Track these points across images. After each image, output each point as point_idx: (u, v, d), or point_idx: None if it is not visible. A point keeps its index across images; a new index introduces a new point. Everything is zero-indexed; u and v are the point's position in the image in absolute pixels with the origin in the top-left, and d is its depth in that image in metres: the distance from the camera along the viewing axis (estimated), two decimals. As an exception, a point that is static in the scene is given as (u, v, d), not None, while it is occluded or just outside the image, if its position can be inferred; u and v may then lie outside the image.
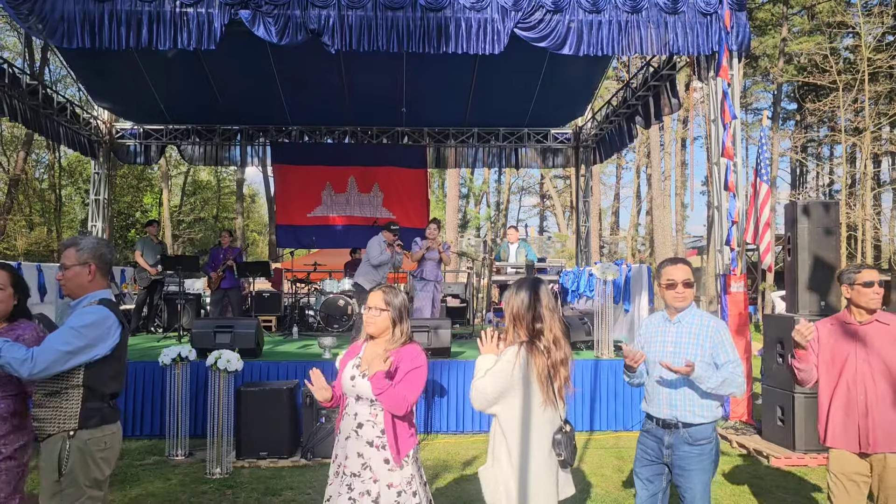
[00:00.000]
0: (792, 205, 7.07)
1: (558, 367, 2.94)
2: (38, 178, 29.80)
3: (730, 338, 3.41)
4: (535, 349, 2.92)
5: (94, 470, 2.94)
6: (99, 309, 2.98)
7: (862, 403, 3.52)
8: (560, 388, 2.94)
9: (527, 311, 2.98)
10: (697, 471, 3.33)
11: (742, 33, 8.37)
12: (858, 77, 18.33)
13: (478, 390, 2.95)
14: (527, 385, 2.89)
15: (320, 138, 14.59)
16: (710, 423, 3.36)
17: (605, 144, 13.76)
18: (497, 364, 2.95)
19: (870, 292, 3.57)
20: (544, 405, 2.90)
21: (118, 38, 7.83)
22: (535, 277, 3.17)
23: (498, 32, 8.13)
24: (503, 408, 2.93)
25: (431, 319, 8.26)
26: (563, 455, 2.92)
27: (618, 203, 39.21)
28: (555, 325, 2.98)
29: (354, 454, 3.07)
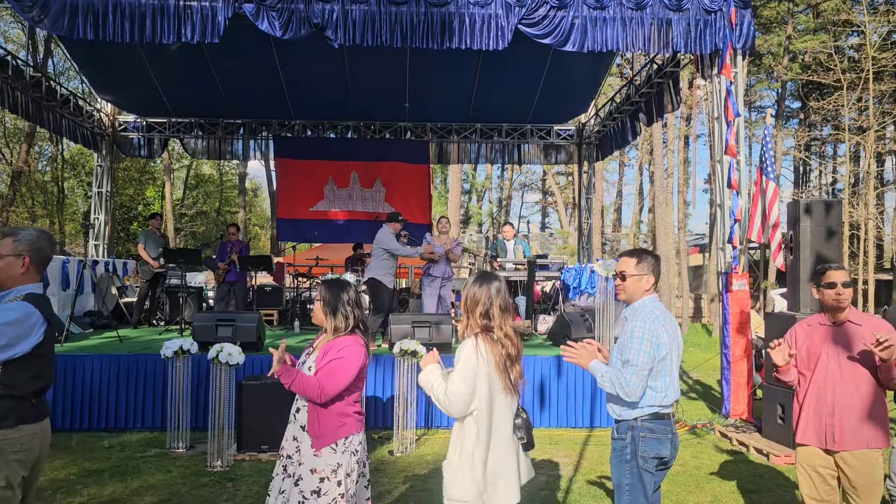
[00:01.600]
0: (794, 203, 7.06)
1: (513, 360, 3.03)
2: (41, 170, 29.83)
3: (638, 337, 3.17)
4: (490, 339, 3.00)
5: (6, 470, 2.80)
6: (23, 305, 2.86)
7: (830, 403, 3.55)
8: (516, 381, 3.04)
9: (479, 307, 3.04)
10: (613, 464, 3.38)
11: (746, 31, 8.35)
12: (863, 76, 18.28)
13: (455, 396, 2.93)
14: (488, 373, 2.96)
15: (323, 133, 14.59)
16: (624, 422, 3.30)
17: (608, 141, 13.74)
18: (459, 364, 2.98)
19: (832, 293, 3.60)
20: (504, 392, 2.99)
21: (121, 30, 7.82)
22: (491, 274, 3.17)
23: (502, 28, 8.12)
24: (476, 401, 2.97)
25: (433, 315, 8.26)
26: (524, 438, 3.05)
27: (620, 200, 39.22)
28: (506, 323, 3.05)
29: (291, 437, 3.25)
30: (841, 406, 3.53)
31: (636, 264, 3.33)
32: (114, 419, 7.21)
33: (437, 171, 33.76)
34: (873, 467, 3.50)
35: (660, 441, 3.22)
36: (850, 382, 3.52)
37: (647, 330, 3.18)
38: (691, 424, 7.69)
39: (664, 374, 3.23)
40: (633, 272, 3.33)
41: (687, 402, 9.22)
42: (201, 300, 11.59)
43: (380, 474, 5.80)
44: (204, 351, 6.51)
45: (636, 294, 3.33)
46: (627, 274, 3.34)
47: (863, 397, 3.51)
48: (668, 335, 3.25)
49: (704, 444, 7.01)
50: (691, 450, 6.73)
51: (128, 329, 10.02)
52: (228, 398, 6.16)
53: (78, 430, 7.12)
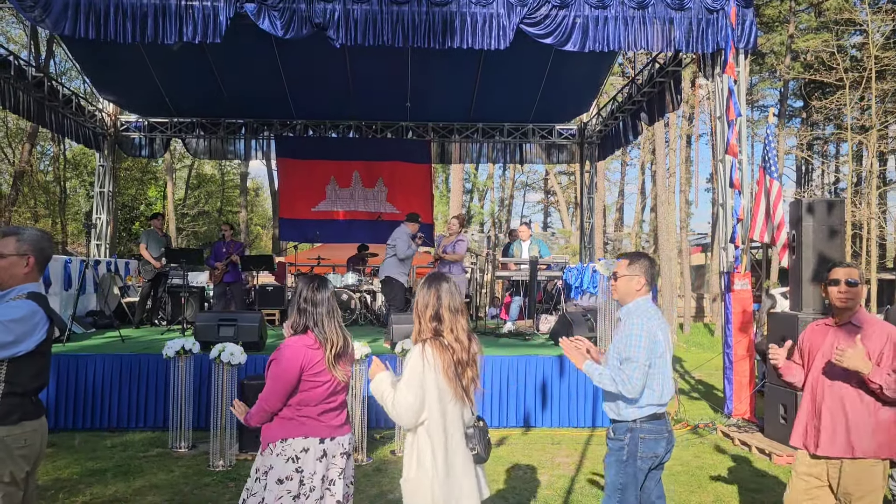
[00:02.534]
0: (797, 203, 7.05)
1: (464, 365, 2.92)
2: (43, 170, 29.85)
3: (636, 334, 3.24)
4: (440, 345, 2.90)
5: (11, 466, 2.83)
6: (27, 303, 2.89)
7: (818, 406, 3.45)
8: (468, 386, 2.93)
9: (429, 310, 2.97)
10: (609, 464, 3.37)
11: (749, 30, 8.34)
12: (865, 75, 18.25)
13: (401, 406, 2.86)
14: (436, 380, 2.87)
15: (325, 132, 14.59)
16: (623, 423, 3.31)
17: (610, 141, 13.73)
18: (406, 371, 2.92)
19: (834, 290, 3.50)
20: (454, 400, 2.89)
21: (123, 30, 7.82)
22: (441, 275, 3.09)
23: (503, 28, 8.11)
24: (426, 411, 2.88)
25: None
26: (476, 449, 2.91)
27: (622, 199, 39.14)
28: (457, 325, 2.96)
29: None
30: (827, 410, 3.41)
31: (628, 265, 3.42)
32: (116, 419, 7.21)
33: (439, 170, 33.76)
34: (862, 477, 3.31)
35: (657, 441, 3.30)
36: (838, 386, 3.39)
37: (643, 328, 3.25)
38: (693, 424, 7.68)
39: (660, 373, 3.30)
40: (624, 273, 3.41)
41: (689, 401, 9.21)
42: (203, 300, 11.59)
43: (381, 474, 5.80)
44: (206, 351, 6.51)
45: (628, 295, 3.41)
46: (619, 274, 3.43)
47: (851, 403, 3.35)
48: (665, 334, 3.33)
49: (706, 444, 7.01)
50: (693, 449, 6.73)
51: (130, 329, 10.03)
52: (230, 398, 6.15)
53: (80, 429, 7.12)
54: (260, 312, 8.47)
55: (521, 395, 7.56)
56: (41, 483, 5.41)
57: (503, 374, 7.54)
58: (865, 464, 3.31)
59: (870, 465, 3.31)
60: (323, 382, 3.07)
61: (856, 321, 3.48)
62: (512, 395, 7.55)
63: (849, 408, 3.35)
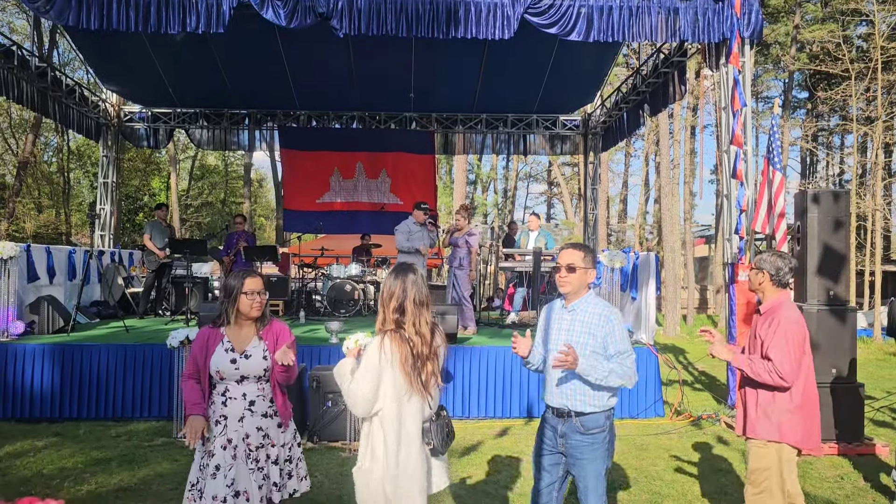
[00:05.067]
0: (802, 194, 7.03)
1: (423, 359, 2.92)
2: (47, 161, 29.87)
3: (621, 327, 3.27)
4: (399, 337, 2.90)
5: None
6: None
7: (742, 392, 3.75)
8: (427, 381, 2.92)
9: (393, 301, 2.96)
10: (589, 460, 3.27)
11: (754, 20, 8.29)
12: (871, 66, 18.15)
13: (354, 394, 2.89)
14: (393, 373, 2.86)
15: (328, 123, 14.57)
16: (602, 412, 3.28)
17: (614, 132, 13.69)
18: (363, 360, 2.92)
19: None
20: (410, 394, 2.88)
21: (126, 20, 7.81)
22: (408, 267, 3.05)
23: (507, 18, 8.08)
24: (380, 402, 2.89)
25: (438, 305, 8.26)
26: (432, 443, 2.92)
27: (626, 191, 39.04)
28: (420, 319, 2.95)
29: (255, 430, 3.33)
30: (740, 393, 3.75)
31: (584, 258, 3.33)
32: (121, 408, 7.24)
33: (442, 161, 33.71)
34: (751, 455, 3.65)
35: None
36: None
37: (621, 319, 3.33)
38: (697, 415, 7.69)
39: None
40: (581, 265, 3.32)
41: (692, 392, 9.22)
42: (207, 290, 11.61)
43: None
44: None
45: (582, 287, 3.34)
46: (577, 266, 3.32)
47: (751, 388, 3.63)
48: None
49: (709, 435, 7.01)
50: (696, 440, 6.74)
51: (134, 319, 10.05)
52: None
53: (85, 419, 7.16)
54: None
55: (523, 385, 7.56)
56: (46, 472, 5.44)
57: (506, 365, 7.55)
58: (753, 444, 3.62)
59: (758, 445, 3.57)
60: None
61: (762, 308, 3.70)
62: (515, 386, 7.56)
63: (747, 392, 3.67)
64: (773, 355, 3.44)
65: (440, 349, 3.03)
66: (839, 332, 6.56)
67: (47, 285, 9.29)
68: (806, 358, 3.54)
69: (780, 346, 3.43)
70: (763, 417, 3.55)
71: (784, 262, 3.67)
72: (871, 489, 5.37)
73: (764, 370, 3.45)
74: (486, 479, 5.48)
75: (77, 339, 7.78)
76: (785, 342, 3.44)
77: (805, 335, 3.54)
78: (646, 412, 7.63)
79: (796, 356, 3.45)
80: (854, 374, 6.59)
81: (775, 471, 3.54)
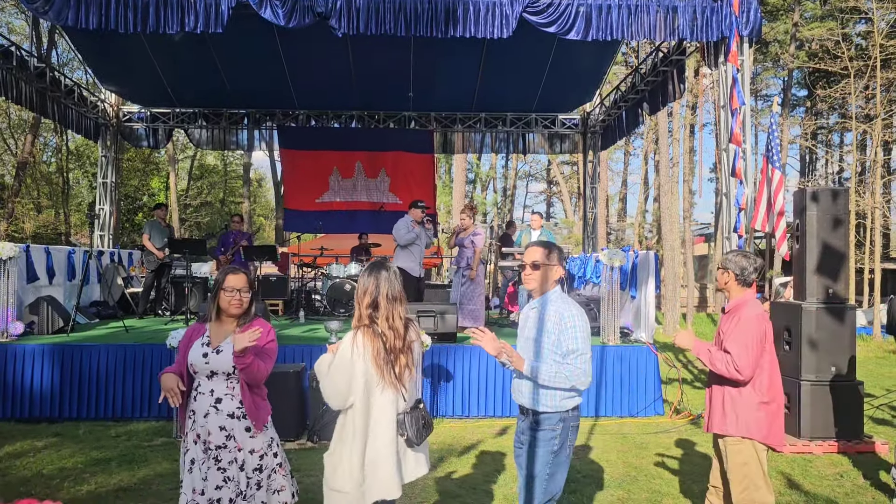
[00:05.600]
0: (801, 192, 7.03)
1: (397, 353, 2.98)
2: (46, 161, 29.86)
3: (578, 326, 3.18)
4: (372, 333, 2.97)
5: None
6: None
7: (710, 390, 3.82)
8: (400, 373, 2.98)
9: (366, 297, 3.02)
10: (530, 457, 3.28)
11: (752, 19, 8.29)
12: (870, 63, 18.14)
13: (329, 388, 2.97)
14: (366, 367, 2.93)
15: (327, 122, 14.57)
16: (556, 413, 3.24)
17: (613, 130, 13.70)
18: (337, 356, 3.00)
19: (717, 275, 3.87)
20: (383, 387, 2.95)
21: (125, 20, 7.81)
22: (381, 264, 3.11)
23: (506, 17, 8.08)
24: (353, 395, 2.96)
25: (438, 305, 8.26)
26: (405, 434, 2.99)
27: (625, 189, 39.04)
28: (394, 314, 3.01)
29: (217, 428, 3.27)
30: (712, 392, 3.80)
31: (548, 255, 3.34)
32: (120, 408, 7.24)
33: (442, 160, 33.70)
34: (726, 453, 3.70)
35: (577, 429, 3.37)
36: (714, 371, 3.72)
37: (578, 317, 3.22)
38: (696, 414, 7.69)
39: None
40: (545, 261, 3.33)
41: (692, 391, 9.22)
42: (206, 290, 11.60)
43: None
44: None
45: (547, 284, 3.33)
46: (540, 263, 3.33)
47: (720, 385, 3.70)
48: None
49: (708, 435, 6.99)
50: (696, 440, 6.74)
51: (133, 319, 10.05)
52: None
53: (85, 419, 7.16)
54: (263, 303, 8.48)
55: (524, 384, 7.56)
56: (46, 472, 5.45)
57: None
58: (727, 441, 3.68)
59: (733, 442, 3.66)
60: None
61: (728, 306, 3.78)
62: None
63: (714, 389, 3.75)
64: (731, 348, 3.54)
65: (415, 343, 3.10)
66: (838, 330, 6.56)
67: (47, 286, 9.29)
68: (767, 355, 3.62)
69: (737, 340, 3.54)
70: (731, 414, 3.64)
71: (749, 262, 3.75)
72: (871, 487, 5.37)
73: (721, 362, 3.56)
74: (485, 477, 5.48)
75: (76, 340, 7.78)
76: (742, 336, 3.54)
77: (764, 332, 3.60)
78: (645, 411, 7.63)
79: (754, 351, 3.53)
80: (853, 372, 6.59)
81: (755, 464, 3.62)
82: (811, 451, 6.25)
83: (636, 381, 7.66)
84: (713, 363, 3.59)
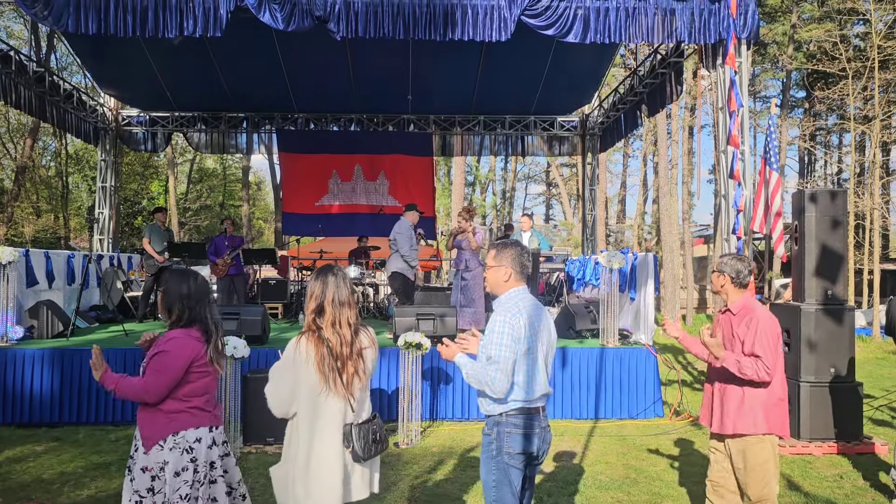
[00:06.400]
0: (800, 193, 7.03)
1: (344, 360, 2.89)
2: (45, 165, 29.87)
3: (499, 331, 3.02)
4: (317, 338, 2.89)
5: None
6: None
7: (719, 389, 3.82)
8: (348, 382, 2.89)
9: (312, 302, 2.96)
10: (482, 461, 3.21)
11: (750, 20, 8.30)
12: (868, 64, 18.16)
13: (270, 395, 2.89)
14: (309, 374, 2.84)
15: (326, 125, 14.59)
16: (491, 417, 3.13)
17: (612, 132, 13.72)
18: (279, 362, 2.92)
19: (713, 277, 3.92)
20: (327, 395, 2.85)
21: (124, 25, 7.82)
22: (329, 268, 3.03)
23: (504, 19, 8.09)
24: (296, 403, 2.88)
25: (437, 307, 8.26)
26: (350, 447, 2.87)
27: (624, 191, 39.07)
28: (340, 319, 2.92)
29: (137, 434, 3.13)
30: (717, 391, 3.82)
31: (494, 255, 3.24)
32: (121, 413, 7.24)
33: (441, 163, 33.73)
34: (745, 453, 3.70)
35: (526, 437, 3.08)
36: (722, 370, 3.73)
37: (506, 324, 3.02)
38: (696, 415, 7.68)
39: (528, 368, 3.07)
40: (491, 263, 3.25)
41: (692, 392, 9.22)
42: (206, 294, 11.61)
43: (386, 467, 5.82)
44: (209, 344, 6.51)
45: (497, 286, 3.22)
46: (488, 265, 3.27)
47: (729, 385, 3.73)
48: (534, 327, 3.09)
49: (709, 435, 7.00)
50: (697, 441, 6.74)
51: (133, 323, 10.05)
52: (234, 391, 6.18)
53: (85, 423, 7.15)
54: (263, 306, 8.48)
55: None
56: (46, 477, 5.44)
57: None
58: (750, 441, 3.68)
59: (755, 441, 3.68)
60: (209, 373, 3.14)
61: (732, 308, 3.83)
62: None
63: (728, 389, 3.75)
64: (761, 352, 3.58)
65: (367, 351, 3.00)
66: (837, 332, 6.56)
67: (46, 290, 9.29)
68: (780, 353, 3.74)
69: (763, 344, 3.59)
70: (752, 413, 3.66)
71: (743, 265, 3.85)
72: (871, 488, 5.37)
73: (753, 368, 3.58)
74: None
75: (76, 344, 7.77)
76: (767, 340, 3.60)
77: (780, 333, 3.72)
78: (645, 413, 7.63)
79: (776, 352, 3.64)
80: (853, 373, 6.60)
81: (773, 460, 3.71)
82: (811, 452, 6.25)
83: (636, 382, 7.66)
84: (742, 370, 3.59)
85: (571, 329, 8.28)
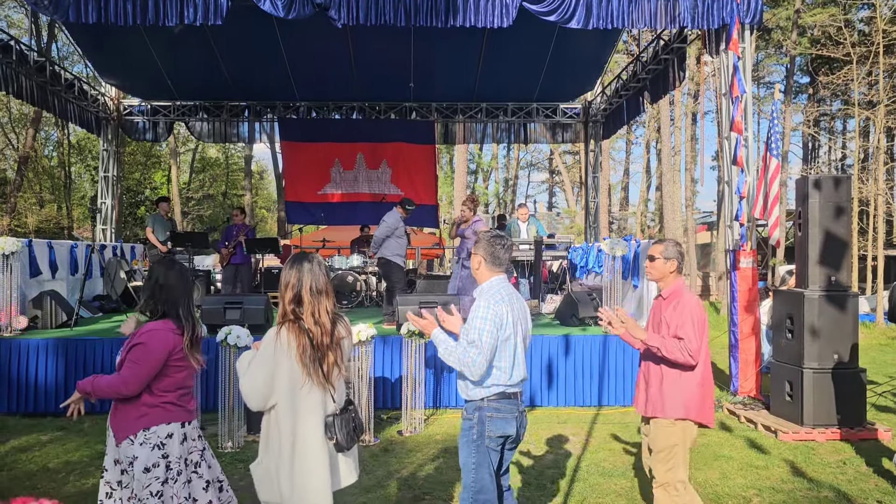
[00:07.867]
0: (803, 179, 7.01)
1: (324, 350, 2.85)
2: (48, 155, 29.88)
3: (482, 317, 3.16)
4: (297, 328, 2.84)
5: None
6: None
7: (645, 373, 3.91)
8: (328, 372, 2.86)
9: (289, 292, 2.91)
10: (461, 444, 3.31)
11: (754, 6, 8.23)
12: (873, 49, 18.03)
13: (247, 387, 2.84)
14: (290, 365, 2.80)
15: (328, 114, 14.55)
16: (472, 402, 3.26)
17: (615, 119, 13.66)
18: (258, 352, 2.88)
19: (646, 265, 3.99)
20: (309, 386, 2.81)
21: (124, 13, 7.78)
22: (304, 255, 3.00)
23: (506, 6, 8.03)
24: (276, 396, 2.83)
25: (440, 296, 8.26)
26: (335, 438, 2.85)
27: (627, 178, 39.02)
28: (319, 307, 2.88)
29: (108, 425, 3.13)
30: (642, 374, 3.93)
31: (474, 245, 3.42)
32: (125, 402, 7.26)
33: (443, 151, 33.66)
34: (657, 435, 3.77)
35: (506, 420, 3.23)
36: (648, 353, 3.84)
37: (490, 310, 3.17)
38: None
39: (509, 354, 3.22)
40: (474, 252, 3.41)
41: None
42: (209, 283, 11.63)
43: (389, 454, 5.84)
44: (213, 334, 6.54)
45: (479, 275, 3.38)
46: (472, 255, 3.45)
47: (654, 368, 3.81)
48: (514, 315, 3.25)
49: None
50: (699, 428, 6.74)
51: (137, 313, 10.07)
52: (237, 380, 6.18)
53: (90, 412, 7.12)
54: (266, 295, 8.49)
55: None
56: (52, 466, 5.48)
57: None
58: (661, 423, 3.76)
59: (664, 425, 3.75)
60: (185, 367, 3.10)
61: (663, 293, 3.91)
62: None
63: (651, 371, 3.84)
64: (684, 334, 3.64)
65: (344, 340, 2.98)
66: (841, 318, 6.55)
67: (50, 280, 9.31)
68: (705, 339, 3.78)
69: (688, 327, 3.65)
70: (669, 396, 3.72)
71: (682, 251, 3.99)
72: (874, 474, 5.38)
73: (677, 348, 3.63)
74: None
75: (80, 334, 7.80)
76: (692, 323, 3.66)
77: (706, 319, 3.79)
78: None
79: (701, 336, 3.67)
80: (856, 360, 6.59)
81: (682, 447, 3.75)
82: (814, 438, 6.26)
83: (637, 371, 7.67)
84: (670, 351, 3.64)
85: (574, 316, 8.28)
